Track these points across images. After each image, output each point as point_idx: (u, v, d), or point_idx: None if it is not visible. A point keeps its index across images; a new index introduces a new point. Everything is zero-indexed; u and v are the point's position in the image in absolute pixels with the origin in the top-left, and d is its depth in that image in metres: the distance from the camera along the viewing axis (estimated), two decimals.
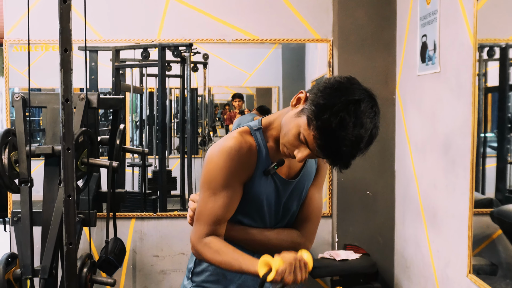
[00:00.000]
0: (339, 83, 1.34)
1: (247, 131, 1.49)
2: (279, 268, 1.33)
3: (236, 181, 1.46)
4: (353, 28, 3.50)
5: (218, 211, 1.46)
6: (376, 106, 1.34)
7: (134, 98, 4.34)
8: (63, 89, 1.39)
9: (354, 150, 1.32)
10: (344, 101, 1.29)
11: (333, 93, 1.32)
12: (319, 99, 1.32)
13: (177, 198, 4.09)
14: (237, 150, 1.44)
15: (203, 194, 1.48)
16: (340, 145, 1.30)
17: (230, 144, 1.44)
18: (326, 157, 1.35)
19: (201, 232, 1.48)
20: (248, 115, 4.54)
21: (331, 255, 3.34)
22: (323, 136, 1.31)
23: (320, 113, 1.30)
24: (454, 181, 2.53)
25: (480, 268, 2.34)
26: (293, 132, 1.38)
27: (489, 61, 2.31)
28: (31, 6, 3.49)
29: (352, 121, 1.28)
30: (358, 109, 1.29)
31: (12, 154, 2.58)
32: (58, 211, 2.49)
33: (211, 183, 1.46)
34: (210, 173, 1.46)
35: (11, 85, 3.66)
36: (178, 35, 3.63)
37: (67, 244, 1.44)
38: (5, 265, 2.55)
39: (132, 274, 3.70)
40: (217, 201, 1.45)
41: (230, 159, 1.43)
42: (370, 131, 1.32)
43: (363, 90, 1.34)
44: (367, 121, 1.30)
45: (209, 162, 1.46)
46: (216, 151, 1.45)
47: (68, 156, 1.41)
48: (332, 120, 1.28)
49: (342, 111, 1.28)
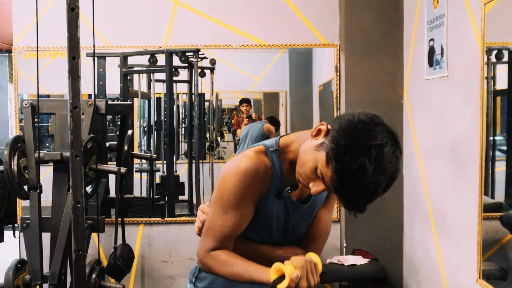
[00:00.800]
0: (363, 123, 1.29)
1: (263, 151, 1.47)
2: (293, 275, 1.32)
3: (248, 202, 1.44)
4: (360, 32, 3.49)
5: (228, 230, 1.45)
6: (398, 149, 1.30)
7: (142, 104, 4.35)
8: (71, 96, 1.39)
9: (370, 196, 1.29)
10: (366, 145, 1.25)
11: (355, 135, 1.27)
12: (340, 138, 1.28)
13: (185, 203, 4.10)
14: (252, 171, 1.42)
15: (214, 210, 1.47)
16: (357, 191, 1.27)
17: (246, 165, 1.42)
18: (341, 199, 1.33)
19: (209, 246, 1.47)
20: (258, 123, 4.54)
21: (340, 260, 3.33)
22: (341, 179, 1.28)
23: (340, 155, 1.26)
24: (462, 185, 2.52)
25: (490, 273, 2.32)
26: (310, 165, 1.35)
27: (497, 64, 2.30)
28: (40, 14, 3.52)
29: (372, 167, 1.24)
30: (379, 154, 1.25)
31: (21, 160, 2.60)
32: (67, 217, 2.50)
33: (223, 201, 1.44)
34: (223, 191, 1.44)
35: (20, 92, 3.69)
36: (185, 41, 3.64)
37: (75, 251, 1.45)
38: (15, 271, 2.57)
39: (140, 279, 3.71)
40: (227, 220, 1.44)
41: (245, 180, 1.41)
42: (389, 176, 1.29)
43: (386, 132, 1.29)
44: (387, 167, 1.27)
45: (223, 180, 1.45)
46: (231, 170, 1.43)
47: (76, 163, 1.42)
48: (352, 164, 1.24)
49: (363, 156, 1.24)
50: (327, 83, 3.96)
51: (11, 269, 2.55)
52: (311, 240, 1.63)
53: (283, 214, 1.52)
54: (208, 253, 1.46)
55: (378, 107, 3.50)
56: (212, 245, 1.46)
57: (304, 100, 4.50)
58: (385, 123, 1.32)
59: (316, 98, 4.37)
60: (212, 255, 1.46)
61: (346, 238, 3.54)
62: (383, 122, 1.32)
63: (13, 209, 3.60)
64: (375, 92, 3.50)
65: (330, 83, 3.80)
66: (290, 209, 1.52)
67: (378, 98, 3.50)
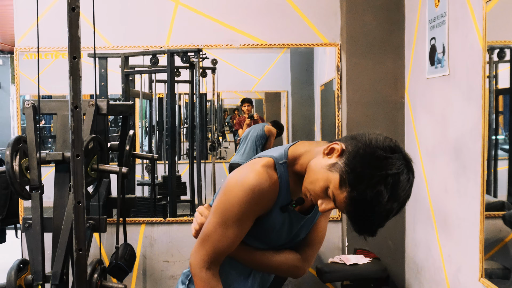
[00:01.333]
0: (381, 150, 1.27)
1: (272, 165, 1.43)
2: None
3: (250, 217, 1.43)
4: (361, 32, 3.49)
5: (226, 243, 1.43)
6: (412, 175, 1.29)
7: (143, 104, 4.36)
8: (72, 96, 1.39)
9: (382, 222, 1.30)
10: (384, 175, 1.24)
11: (372, 163, 1.26)
12: (356, 164, 1.27)
13: (187, 203, 4.10)
14: (258, 189, 1.38)
15: (214, 219, 1.44)
16: (370, 217, 1.27)
17: (254, 181, 1.38)
18: (353, 224, 1.32)
19: (203, 259, 1.45)
20: (260, 125, 4.54)
21: (341, 259, 3.32)
22: (355, 206, 1.27)
23: (356, 181, 1.26)
24: (465, 185, 2.51)
25: (492, 272, 2.32)
26: (321, 184, 1.33)
27: (499, 63, 2.29)
28: (41, 14, 3.53)
29: (387, 196, 1.24)
30: (396, 183, 1.25)
31: (23, 161, 2.60)
32: (68, 217, 2.50)
33: (225, 214, 1.42)
34: (226, 203, 1.42)
35: (22, 93, 3.70)
36: (187, 41, 3.64)
37: (77, 250, 1.45)
38: (17, 271, 2.56)
39: (142, 279, 3.71)
40: (225, 233, 1.42)
41: (251, 197, 1.38)
42: (402, 202, 1.29)
43: (402, 159, 1.28)
44: (401, 195, 1.26)
45: (229, 191, 1.42)
46: (238, 183, 1.40)
47: (77, 163, 1.42)
48: (368, 193, 1.24)
49: (379, 185, 1.23)
50: (328, 82, 3.95)
51: (13, 269, 2.55)
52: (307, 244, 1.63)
53: (286, 225, 1.51)
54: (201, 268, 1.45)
55: (380, 107, 3.49)
56: (206, 258, 1.44)
57: (305, 100, 4.50)
58: (401, 149, 1.30)
59: (317, 98, 4.37)
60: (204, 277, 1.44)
61: (348, 238, 3.53)
62: (400, 148, 1.30)
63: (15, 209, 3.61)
64: (377, 92, 3.50)
65: (331, 83, 3.79)
66: (293, 220, 1.52)
67: (380, 98, 3.50)
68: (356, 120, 3.51)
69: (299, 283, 3.72)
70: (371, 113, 3.49)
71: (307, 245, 1.62)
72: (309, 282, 3.67)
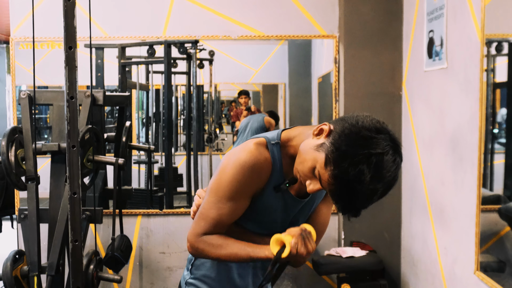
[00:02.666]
0: (366, 130, 1.28)
1: (264, 144, 1.45)
2: (292, 242, 1.37)
3: (244, 194, 1.45)
4: (359, 23, 3.48)
5: (220, 218, 1.46)
6: (399, 157, 1.29)
7: (140, 95, 4.34)
8: (68, 87, 1.38)
9: (366, 203, 1.30)
10: (367, 153, 1.24)
11: (357, 141, 1.26)
12: (341, 142, 1.28)
13: (184, 195, 4.10)
14: (251, 165, 1.41)
15: (210, 197, 1.47)
16: (353, 197, 1.28)
17: (245, 158, 1.41)
18: (336, 203, 1.33)
19: (200, 231, 1.47)
20: (258, 115, 4.54)
21: (338, 252, 3.33)
22: (338, 184, 1.28)
23: (339, 160, 1.26)
24: (461, 178, 2.51)
25: (487, 265, 2.32)
26: (309, 164, 1.34)
27: (497, 57, 2.29)
28: (37, 4, 3.50)
29: (370, 175, 1.24)
30: (379, 162, 1.25)
31: (18, 151, 2.59)
32: (64, 208, 2.49)
33: (220, 192, 1.45)
34: (220, 181, 1.45)
35: (18, 83, 3.67)
36: (184, 32, 3.62)
37: (72, 241, 1.44)
38: (13, 262, 2.57)
39: (138, 270, 3.71)
40: (221, 209, 1.45)
41: (242, 173, 1.41)
42: (387, 184, 1.28)
43: (389, 140, 1.28)
44: (386, 175, 1.26)
45: (221, 170, 1.45)
46: (231, 161, 1.43)
47: (73, 154, 1.41)
48: (350, 171, 1.24)
49: (362, 164, 1.24)
50: (326, 75, 3.94)
51: (9, 260, 2.55)
52: None
53: (281, 208, 1.52)
54: (199, 237, 1.47)
55: (377, 99, 3.49)
56: (203, 230, 1.47)
57: (303, 92, 4.49)
58: (388, 131, 1.30)
59: (315, 90, 4.36)
60: (204, 239, 1.47)
61: (344, 230, 3.54)
62: (387, 130, 1.30)
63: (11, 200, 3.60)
64: (374, 84, 3.49)
65: (329, 75, 3.78)
66: (288, 203, 1.52)
67: (377, 90, 3.49)
68: (353, 112, 3.48)
69: (295, 276, 3.74)
70: (369, 105, 3.49)
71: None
72: (305, 274, 3.68)
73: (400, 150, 1.31)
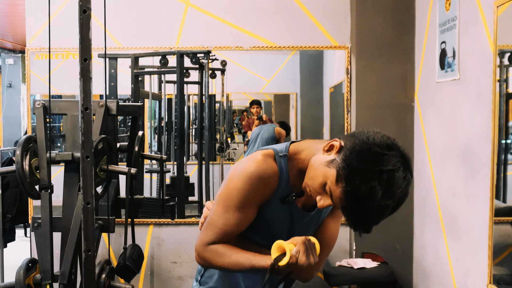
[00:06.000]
0: (377, 146, 1.28)
1: (272, 155, 1.46)
2: (293, 250, 1.35)
3: (251, 205, 1.46)
4: (371, 34, 3.48)
5: (228, 228, 1.47)
6: (410, 173, 1.30)
7: (152, 105, 4.37)
8: (82, 98, 1.40)
9: (377, 219, 1.30)
10: (378, 170, 1.25)
11: (368, 158, 1.27)
12: (353, 159, 1.28)
13: (195, 204, 4.10)
14: (258, 176, 1.42)
15: (217, 208, 1.48)
16: (364, 213, 1.28)
17: (252, 169, 1.42)
18: (348, 219, 1.33)
19: (207, 241, 1.49)
20: (268, 125, 4.55)
21: (349, 263, 3.31)
22: (349, 200, 1.28)
23: (351, 176, 1.27)
24: (474, 189, 2.50)
25: (500, 278, 2.30)
26: (320, 180, 1.35)
27: (510, 67, 2.28)
28: (52, 15, 3.55)
29: (381, 192, 1.24)
30: (390, 179, 1.25)
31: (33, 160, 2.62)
32: (77, 217, 2.51)
33: (227, 201, 1.46)
34: (228, 192, 1.46)
35: (33, 92, 3.72)
36: (197, 43, 3.65)
37: (85, 251, 1.45)
38: (26, 270, 2.58)
39: (150, 280, 3.72)
40: (228, 219, 1.46)
41: (249, 184, 1.42)
42: (398, 200, 1.29)
43: (399, 156, 1.28)
44: (397, 192, 1.27)
45: (229, 181, 1.46)
46: (238, 171, 1.45)
47: (87, 164, 1.42)
48: (362, 188, 1.25)
49: (373, 180, 1.24)
50: (338, 85, 3.95)
51: (22, 268, 2.57)
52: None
53: (287, 220, 1.52)
54: (206, 246, 1.48)
55: (389, 110, 3.48)
56: (210, 240, 1.48)
57: (314, 102, 4.49)
58: (399, 147, 1.31)
59: (326, 100, 4.36)
60: (211, 248, 1.48)
61: (355, 241, 3.52)
62: (397, 146, 1.31)
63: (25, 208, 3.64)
64: (386, 95, 3.49)
65: (341, 85, 3.79)
66: (294, 216, 1.52)
67: (389, 101, 3.49)
68: (365, 123, 3.50)
69: (306, 286, 3.72)
70: (380, 116, 3.48)
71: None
72: (317, 285, 3.66)
73: (411, 166, 1.31)
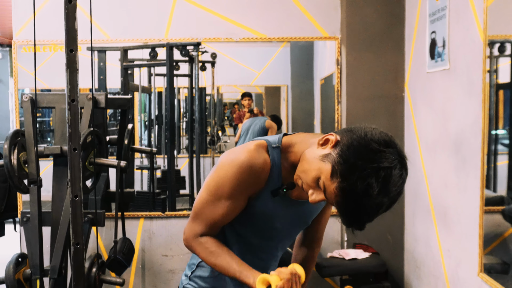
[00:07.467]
0: (375, 143, 1.26)
1: (264, 146, 1.44)
2: (278, 285, 1.33)
3: (240, 195, 1.43)
4: (361, 25, 3.47)
5: (216, 217, 1.45)
6: (405, 171, 1.29)
7: (142, 98, 4.34)
8: (69, 89, 1.38)
9: (371, 216, 1.29)
10: (376, 167, 1.23)
11: (366, 155, 1.25)
12: (350, 155, 1.26)
13: (186, 197, 4.09)
14: (249, 166, 1.39)
15: (205, 195, 1.46)
16: (359, 210, 1.27)
17: (244, 158, 1.40)
18: (341, 216, 1.31)
19: (196, 231, 1.47)
20: (260, 118, 4.53)
21: (340, 254, 3.32)
22: (344, 197, 1.26)
23: (347, 172, 1.25)
24: (465, 179, 2.50)
25: (491, 267, 2.31)
26: (313, 174, 1.32)
27: (500, 58, 2.28)
28: (39, 7, 3.51)
29: (377, 189, 1.23)
30: (387, 177, 1.24)
31: (21, 154, 2.59)
32: (66, 211, 2.49)
33: (217, 190, 1.43)
34: (217, 180, 1.44)
35: (21, 86, 3.68)
36: (186, 34, 3.62)
37: (74, 244, 1.44)
38: (15, 265, 2.56)
39: (141, 273, 3.71)
40: (216, 208, 1.44)
41: (240, 173, 1.39)
42: (393, 198, 1.28)
43: (396, 154, 1.27)
44: (392, 190, 1.26)
45: (219, 169, 1.44)
46: (229, 160, 1.42)
47: (74, 156, 1.41)
48: (358, 184, 1.23)
49: (370, 177, 1.22)
50: (328, 77, 3.94)
51: (11, 263, 2.55)
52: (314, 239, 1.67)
53: (279, 213, 1.50)
54: (196, 238, 1.47)
55: (379, 101, 3.48)
56: (200, 230, 1.47)
57: (305, 94, 4.48)
58: (396, 144, 1.29)
59: (317, 92, 4.35)
60: (200, 241, 1.47)
61: (347, 232, 3.53)
62: (395, 143, 1.29)
63: (14, 203, 3.60)
64: (377, 86, 3.48)
65: (331, 77, 3.78)
66: (287, 208, 1.50)
67: (380, 92, 3.49)
68: (355, 114, 3.49)
69: None
70: (371, 107, 3.48)
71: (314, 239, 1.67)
72: None
73: (406, 164, 1.30)
